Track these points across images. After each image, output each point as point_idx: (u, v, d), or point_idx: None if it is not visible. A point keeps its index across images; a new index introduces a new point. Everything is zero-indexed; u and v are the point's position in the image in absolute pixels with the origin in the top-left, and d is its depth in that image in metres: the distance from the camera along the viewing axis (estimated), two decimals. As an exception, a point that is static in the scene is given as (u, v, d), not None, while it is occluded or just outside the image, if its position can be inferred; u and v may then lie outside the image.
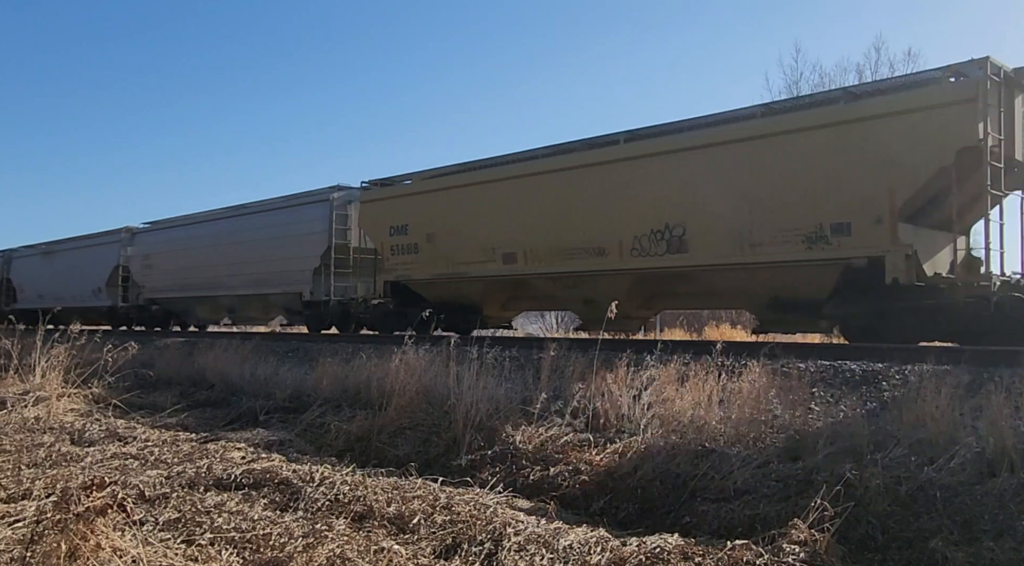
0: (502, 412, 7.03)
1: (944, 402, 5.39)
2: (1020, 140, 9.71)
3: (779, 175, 10.45)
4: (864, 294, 9.91)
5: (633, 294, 12.43)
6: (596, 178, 12.52)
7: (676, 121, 12.28)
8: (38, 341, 9.92)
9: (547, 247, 13.21)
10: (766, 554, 3.53)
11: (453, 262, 14.75)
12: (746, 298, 12.02)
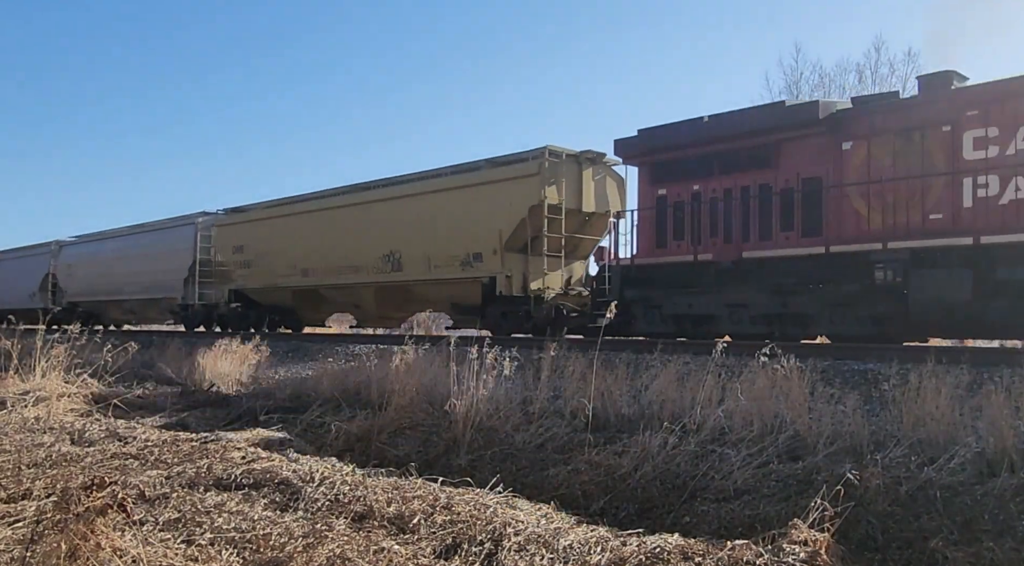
0: (502, 412, 7.02)
1: (944, 402, 5.39)
2: (589, 197, 14.71)
3: (448, 217, 15.44)
4: (493, 301, 14.69)
5: (379, 300, 17.85)
6: (355, 214, 17.70)
7: (398, 175, 17.73)
8: (38, 341, 9.92)
9: (327, 265, 18.27)
10: (766, 554, 3.53)
11: (273, 275, 19.77)
12: (439, 303, 17.26)
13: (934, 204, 9.88)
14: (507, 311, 14.57)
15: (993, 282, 9.03)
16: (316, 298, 19.50)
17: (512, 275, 14.24)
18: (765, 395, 6.23)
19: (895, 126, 10.29)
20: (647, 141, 12.82)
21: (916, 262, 9.72)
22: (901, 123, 10.25)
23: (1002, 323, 9.26)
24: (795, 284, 10.88)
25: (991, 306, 9.06)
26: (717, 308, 11.66)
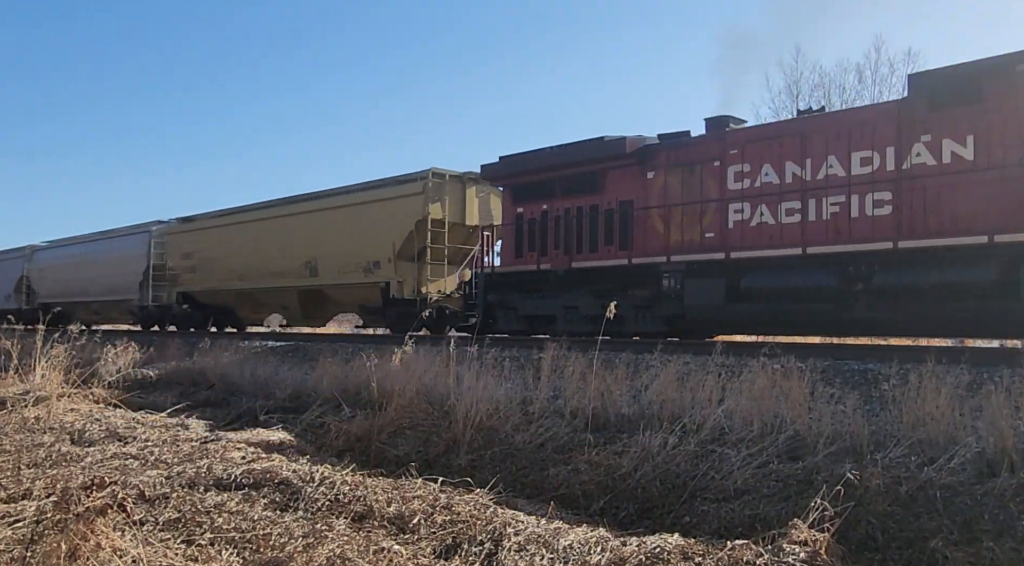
0: (502, 412, 7.02)
1: (944, 402, 5.38)
2: (473, 213, 16.94)
3: (353, 230, 17.47)
4: (391, 303, 16.90)
5: (301, 302, 20.05)
6: (280, 226, 19.89)
7: (314, 192, 19.90)
8: (38, 341, 9.92)
9: (260, 270, 20.44)
10: (766, 554, 3.52)
11: (215, 279, 21.92)
12: (349, 305, 19.35)
13: (708, 225, 11.90)
14: (401, 312, 16.56)
15: (738, 289, 11.21)
16: (252, 300, 21.92)
17: (404, 281, 16.56)
18: (765, 395, 6.22)
19: (683, 160, 12.31)
20: (508, 166, 14.83)
21: (690, 272, 11.80)
22: (687, 158, 12.29)
23: (744, 322, 11.80)
24: (611, 289, 12.45)
25: (736, 308, 11.33)
26: (556, 309, 13.55)
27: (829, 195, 10.59)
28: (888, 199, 10.01)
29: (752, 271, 11.12)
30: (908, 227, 9.80)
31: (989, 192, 9.10)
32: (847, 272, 10.23)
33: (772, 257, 10.96)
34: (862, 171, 10.29)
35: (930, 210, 9.64)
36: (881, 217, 10.04)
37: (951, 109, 9.54)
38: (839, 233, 10.41)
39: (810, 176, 10.81)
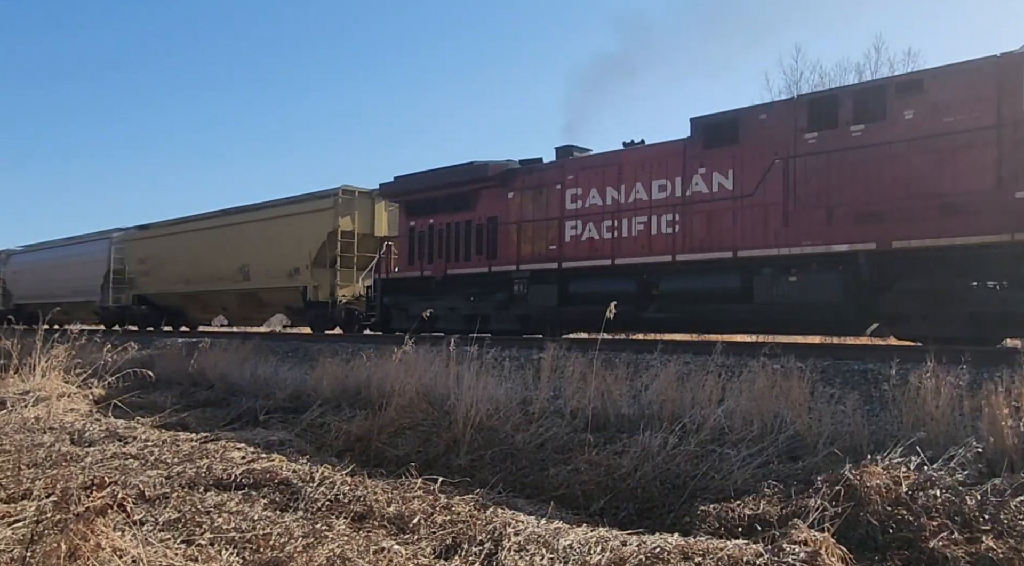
0: (502, 412, 7.02)
1: (944, 402, 5.38)
2: (382, 225, 19.34)
3: (278, 239, 19.71)
4: (310, 305, 19.13)
5: (238, 303, 22.52)
6: (219, 235, 22.28)
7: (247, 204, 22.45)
8: (38, 341, 9.92)
9: (203, 275, 22.67)
10: (766, 554, 3.52)
11: (166, 282, 24.34)
12: (278, 306, 21.74)
13: (550, 239, 14.02)
14: (319, 313, 18.93)
15: (567, 293, 13.48)
16: (198, 301, 24.25)
17: (320, 285, 18.67)
18: (765, 395, 6.22)
19: (534, 183, 14.47)
20: (401, 185, 17.05)
21: (534, 279, 14.02)
22: (537, 181, 14.47)
23: (571, 321, 13.97)
24: (479, 293, 14.98)
25: (566, 309, 13.54)
26: (440, 310, 15.35)
27: (636, 216, 12.78)
28: (676, 220, 12.25)
29: (577, 278, 13.42)
30: (684, 243, 12.07)
31: (736, 216, 11.44)
32: (643, 280, 12.46)
33: (591, 267, 13.24)
34: (659, 196, 12.50)
35: (699, 230, 11.92)
36: (669, 235, 12.27)
37: (719, 147, 11.74)
38: (641, 248, 12.62)
39: (623, 199, 12.98)
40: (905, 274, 9.98)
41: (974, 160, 9.36)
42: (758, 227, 11.14)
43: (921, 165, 9.77)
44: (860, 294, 10.18)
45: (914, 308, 9.85)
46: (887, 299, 10.06)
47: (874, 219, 10.07)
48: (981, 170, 9.29)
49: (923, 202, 9.66)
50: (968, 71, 9.54)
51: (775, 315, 11.01)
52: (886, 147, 10.04)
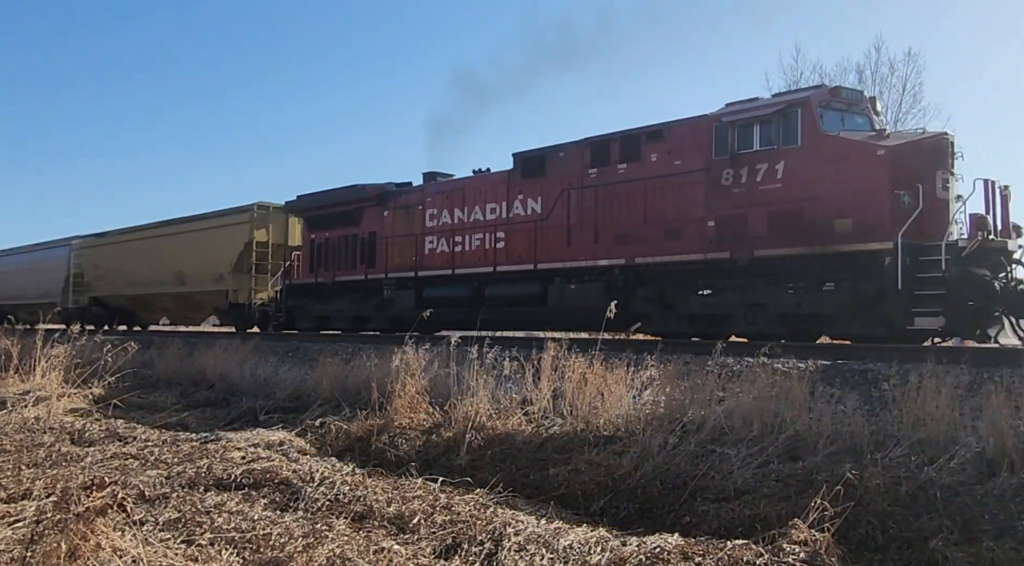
0: (502, 412, 7.01)
1: (944, 402, 5.38)
2: (295, 236, 20.90)
3: (205, 248, 22.21)
4: (233, 307, 21.49)
5: (176, 305, 25.05)
6: (159, 244, 24.76)
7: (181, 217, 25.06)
8: (38, 341, 9.91)
9: (147, 279, 25.05)
10: (766, 554, 3.52)
11: (117, 286, 26.73)
12: (209, 308, 23.93)
13: (413, 251, 16.33)
14: (239, 314, 21.22)
15: (423, 297, 15.61)
16: (144, 303, 26.56)
17: (239, 289, 20.96)
18: (765, 395, 6.22)
19: (404, 203, 17.07)
20: (303, 203, 19.60)
21: (398, 286, 16.53)
22: (406, 202, 17.03)
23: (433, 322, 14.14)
24: (360, 297, 17.61)
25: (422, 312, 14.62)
26: (331, 311, 18.28)
27: (474, 233, 15.24)
28: (501, 237, 14.72)
29: (430, 285, 15.84)
30: (504, 257, 14.51)
31: (538, 235, 13.98)
32: (476, 287, 14.80)
33: (439, 275, 15.71)
34: (491, 217, 14.96)
35: (515, 246, 14.40)
36: (495, 250, 14.69)
37: (531, 178, 14.22)
38: (476, 260, 15.04)
39: (466, 219, 15.45)
40: (644, 283, 12.46)
41: (689, 195, 11.85)
42: (552, 245, 13.72)
43: (657, 198, 12.30)
44: (624, 299, 11.88)
45: (652, 310, 12.24)
46: (634, 303, 12.36)
47: (624, 240, 12.64)
48: (693, 203, 11.77)
49: (656, 227, 12.24)
50: (690, 124, 12.07)
51: (563, 316, 13.49)
52: (637, 183, 12.51)
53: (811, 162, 10.57)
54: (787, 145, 10.81)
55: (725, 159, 11.33)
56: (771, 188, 10.90)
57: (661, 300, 12.18)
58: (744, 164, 11.19)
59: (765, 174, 10.96)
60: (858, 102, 11.41)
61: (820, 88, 11.74)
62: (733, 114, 11.52)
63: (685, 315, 11.83)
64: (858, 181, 10.19)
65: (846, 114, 11.12)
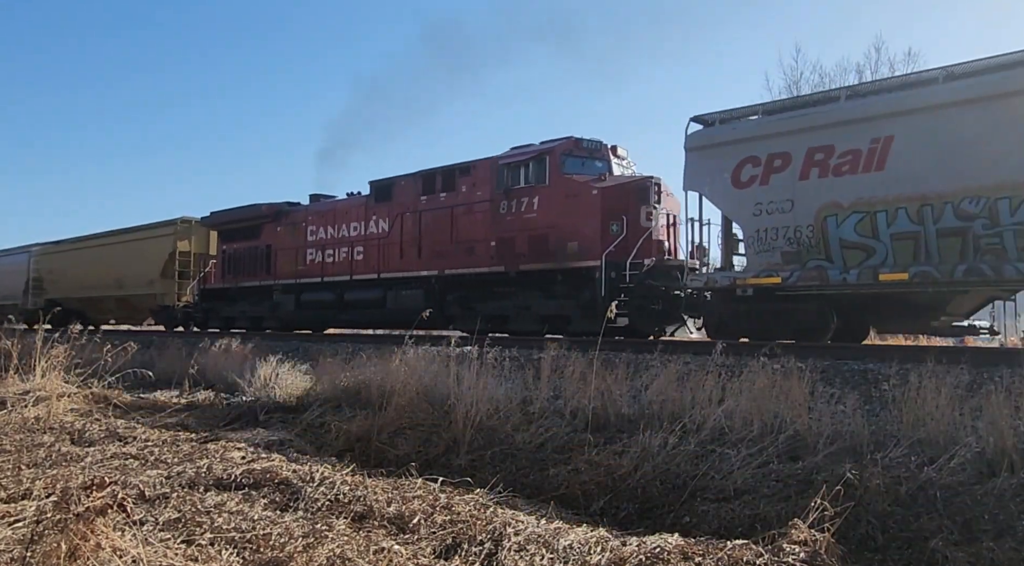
0: (502, 412, 7.01)
1: (944, 402, 5.38)
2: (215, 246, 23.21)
3: (140, 257, 25.14)
4: (162, 308, 24.44)
5: (118, 306, 27.71)
6: (103, 251, 27.72)
7: (122, 228, 27.97)
8: (38, 341, 9.90)
9: (94, 283, 27.86)
10: (766, 554, 3.52)
11: (71, 289, 29.43)
12: (144, 309, 26.47)
13: (297, 262, 19.47)
14: (167, 315, 24.21)
15: (301, 301, 19.08)
16: (92, 304, 28.68)
17: (166, 293, 24.08)
18: (765, 395, 6.22)
19: (293, 221, 20.14)
20: (216, 218, 22.70)
21: (283, 290, 19.69)
22: (294, 219, 20.17)
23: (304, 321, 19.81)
24: (258, 300, 20.65)
25: (300, 313, 19.30)
26: (237, 313, 21.26)
27: (340, 247, 18.30)
28: (359, 251, 17.72)
29: (307, 291, 18.87)
30: (360, 267, 17.62)
31: (382, 250, 17.10)
32: (338, 292, 17.95)
33: (312, 283, 18.74)
34: (353, 234, 18.04)
35: (368, 258, 17.48)
36: (354, 261, 17.81)
37: (382, 202, 17.42)
38: (340, 269, 18.13)
39: (336, 235, 18.45)
40: (452, 290, 15.44)
41: (481, 220, 14.94)
42: (391, 258, 16.79)
43: (461, 222, 15.35)
44: (436, 303, 15.22)
45: (458, 312, 15.20)
46: (446, 306, 15.37)
47: (439, 255, 15.72)
48: (483, 226, 14.90)
49: (460, 245, 15.29)
50: (486, 163, 15.13)
51: (397, 317, 16.37)
52: (449, 209, 15.60)
53: (554, 198, 13.79)
54: (539, 184, 14.03)
55: (502, 192, 14.50)
56: (530, 217, 14.13)
57: (465, 303, 15.18)
58: (514, 197, 14.39)
59: (527, 206, 14.23)
60: (598, 149, 14.23)
61: (567, 139, 14.21)
62: (508, 157, 14.69)
63: (482, 315, 14.05)
64: (582, 213, 13.29)
65: (587, 160, 14.06)
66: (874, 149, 10.03)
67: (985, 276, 9.18)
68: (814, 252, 10.62)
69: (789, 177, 10.80)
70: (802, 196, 10.69)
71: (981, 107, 9.24)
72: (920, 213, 9.63)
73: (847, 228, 10.32)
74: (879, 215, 9.94)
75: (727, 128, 11.97)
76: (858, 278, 10.13)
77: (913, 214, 9.71)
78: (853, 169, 10.19)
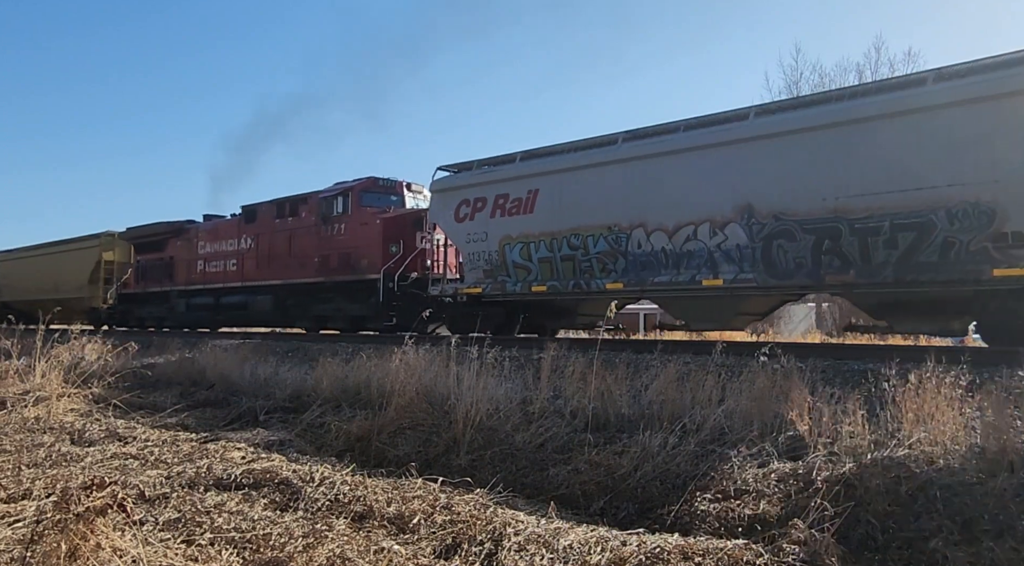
0: (502, 412, 7.01)
1: (944, 402, 5.38)
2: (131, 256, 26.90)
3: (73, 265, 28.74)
4: (91, 310, 27.36)
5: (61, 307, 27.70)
6: (40, 261, 31.79)
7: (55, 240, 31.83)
8: (38, 341, 9.91)
9: (36, 288, 31.32)
10: (766, 554, 3.52)
11: (21, 293, 32.70)
12: (79, 312, 27.62)
13: (191, 271, 23.09)
14: (95, 316, 26.58)
15: (190, 304, 22.86)
16: (38, 307, 32.07)
17: (93, 297, 27.48)
18: (765, 395, 6.22)
19: (188, 236, 23.65)
20: (131, 232, 26.35)
21: (179, 295, 23.39)
22: (189, 235, 23.47)
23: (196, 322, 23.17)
24: (162, 302, 24.15)
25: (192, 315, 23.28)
26: (146, 314, 25.12)
27: (218, 260, 22.00)
28: (233, 263, 21.31)
29: (194, 295, 22.70)
30: (233, 276, 21.08)
31: (246, 262, 20.76)
32: (216, 297, 21.57)
33: (200, 289, 22.39)
34: (229, 248, 21.66)
35: (237, 269, 21.06)
36: (230, 271, 21.33)
37: (249, 223, 21.01)
38: (218, 278, 21.70)
39: (218, 250, 22.03)
40: (292, 296, 19.12)
41: (310, 241, 18.68)
42: (252, 269, 20.41)
43: (298, 241, 19.18)
44: (281, 306, 19.41)
45: (297, 313, 19.20)
46: (287, 309, 19.33)
47: (283, 267, 19.34)
48: (311, 245, 18.66)
49: (296, 259, 19.07)
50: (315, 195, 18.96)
51: (257, 317, 20.48)
52: (291, 231, 19.42)
53: (354, 225, 17.67)
54: (345, 214, 17.92)
55: (322, 220, 18.35)
56: (340, 239, 17.91)
57: (300, 306, 18.94)
58: (330, 223, 18.25)
59: (337, 230, 18.05)
60: (392, 187, 18.20)
61: (367, 179, 18.03)
62: (326, 192, 18.57)
63: (313, 316, 18.69)
64: (370, 237, 17.06)
65: (382, 195, 18.06)
66: (530, 198, 13.88)
67: (585, 289, 12.87)
68: (500, 270, 14.29)
69: (485, 215, 14.57)
70: (492, 230, 14.43)
71: (583, 173, 13.09)
72: (551, 244, 13.46)
73: (515, 253, 14.07)
74: (531, 244, 13.78)
75: (452, 177, 15.63)
76: (521, 289, 13.85)
77: (548, 245, 13.52)
78: (518, 211, 14.06)
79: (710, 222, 11.18)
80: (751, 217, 10.75)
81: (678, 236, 11.58)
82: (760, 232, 10.67)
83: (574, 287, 13.00)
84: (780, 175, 10.47)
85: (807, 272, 10.26)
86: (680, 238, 11.57)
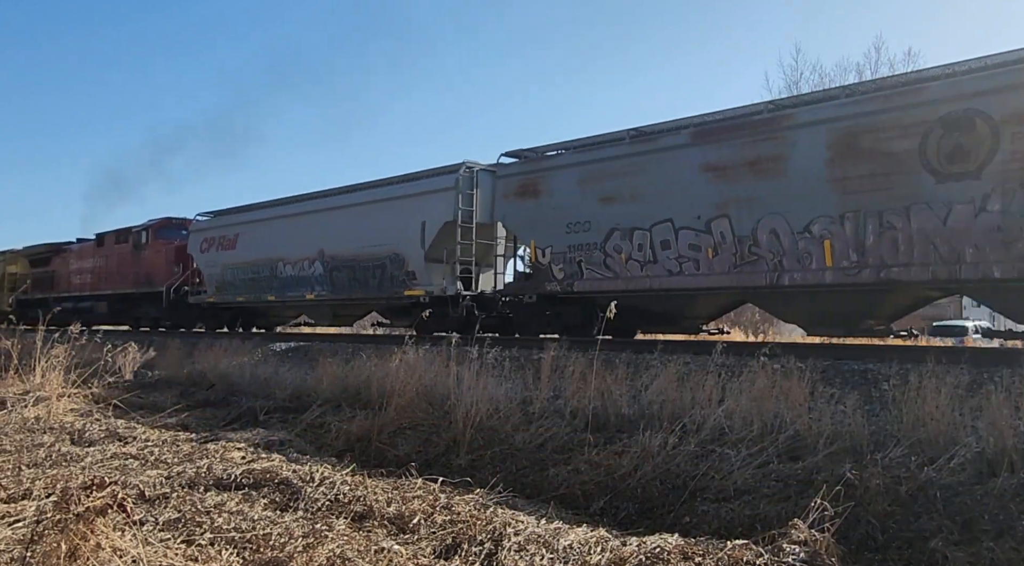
0: (502, 412, 7.01)
1: (944, 402, 5.38)
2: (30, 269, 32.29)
3: None
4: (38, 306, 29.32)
5: None
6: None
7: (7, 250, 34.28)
8: (38, 341, 9.90)
9: None
10: (766, 554, 3.52)
11: None
12: None
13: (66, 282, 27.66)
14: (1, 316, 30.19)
15: (78, 308, 24.74)
16: None
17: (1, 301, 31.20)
18: (765, 395, 6.22)
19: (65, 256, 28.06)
20: (28, 250, 30.85)
21: (55, 302, 25.31)
22: (65, 254, 28.21)
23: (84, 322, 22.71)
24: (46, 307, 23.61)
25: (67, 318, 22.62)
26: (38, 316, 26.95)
27: (82, 274, 26.50)
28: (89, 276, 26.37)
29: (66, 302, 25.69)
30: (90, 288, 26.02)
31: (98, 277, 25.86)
32: (76, 302, 25.67)
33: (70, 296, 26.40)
34: (88, 266, 26.25)
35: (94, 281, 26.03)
36: (88, 283, 26.12)
37: (101, 247, 25.64)
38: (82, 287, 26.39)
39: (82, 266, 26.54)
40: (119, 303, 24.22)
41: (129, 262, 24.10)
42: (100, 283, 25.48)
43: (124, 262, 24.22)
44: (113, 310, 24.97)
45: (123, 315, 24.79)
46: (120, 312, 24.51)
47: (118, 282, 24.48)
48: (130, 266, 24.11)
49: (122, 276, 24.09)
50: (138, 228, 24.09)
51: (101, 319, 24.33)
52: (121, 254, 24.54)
53: (152, 252, 23.43)
54: (147, 243, 23.47)
55: (134, 246, 23.75)
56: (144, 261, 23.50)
57: (125, 310, 24.14)
58: (140, 249, 23.71)
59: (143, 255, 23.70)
60: (183, 224, 23.35)
61: (164, 219, 23.70)
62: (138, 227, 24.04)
63: (132, 318, 24.48)
64: (162, 261, 22.78)
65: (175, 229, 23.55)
66: (234, 238, 20.25)
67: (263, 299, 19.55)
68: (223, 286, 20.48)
69: (215, 250, 20.83)
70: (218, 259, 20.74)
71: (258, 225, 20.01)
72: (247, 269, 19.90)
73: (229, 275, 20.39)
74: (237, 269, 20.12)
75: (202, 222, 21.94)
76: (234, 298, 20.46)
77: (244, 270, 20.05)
78: (228, 247, 20.42)
79: (307, 259, 18.01)
80: (324, 256, 17.50)
81: (296, 266, 18.40)
82: (328, 266, 17.38)
83: (257, 298, 19.76)
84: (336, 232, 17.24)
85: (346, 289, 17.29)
86: (298, 267, 18.36)
